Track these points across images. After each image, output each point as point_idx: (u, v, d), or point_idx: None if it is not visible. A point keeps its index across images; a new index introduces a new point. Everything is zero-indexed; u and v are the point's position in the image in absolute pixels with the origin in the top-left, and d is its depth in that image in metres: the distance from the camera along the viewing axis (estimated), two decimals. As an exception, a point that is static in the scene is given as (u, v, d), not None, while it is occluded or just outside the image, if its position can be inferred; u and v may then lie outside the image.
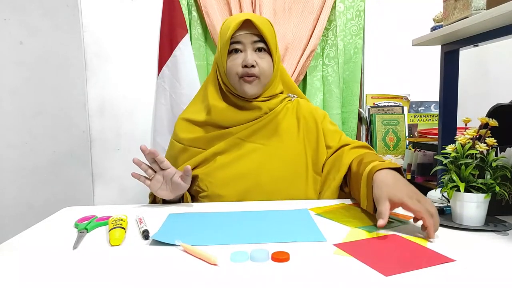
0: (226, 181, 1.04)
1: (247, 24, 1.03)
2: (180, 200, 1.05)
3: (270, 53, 1.07)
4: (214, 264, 0.62)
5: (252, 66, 1.03)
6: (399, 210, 0.92)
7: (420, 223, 0.76)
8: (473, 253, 0.67)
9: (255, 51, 1.05)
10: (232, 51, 1.05)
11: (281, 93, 1.15)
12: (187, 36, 1.94)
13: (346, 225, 0.81)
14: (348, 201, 1.01)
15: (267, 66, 1.06)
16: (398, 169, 0.87)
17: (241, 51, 1.05)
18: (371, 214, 0.86)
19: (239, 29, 1.03)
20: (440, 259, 0.64)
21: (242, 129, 1.07)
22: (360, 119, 2.18)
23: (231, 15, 1.96)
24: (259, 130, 1.08)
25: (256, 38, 1.04)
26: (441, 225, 0.80)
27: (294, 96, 1.17)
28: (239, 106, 1.09)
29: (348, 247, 0.70)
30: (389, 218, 0.79)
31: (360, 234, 0.76)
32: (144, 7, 2.02)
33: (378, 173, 0.83)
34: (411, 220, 0.82)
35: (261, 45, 1.05)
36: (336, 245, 0.71)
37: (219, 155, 1.07)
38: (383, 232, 0.76)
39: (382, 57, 2.17)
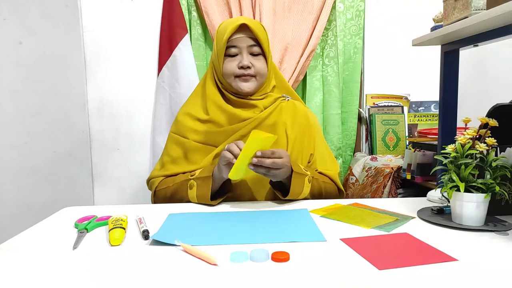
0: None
1: (243, 28, 1.09)
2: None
3: (264, 55, 1.13)
4: (214, 264, 0.62)
5: (248, 67, 1.09)
6: (400, 210, 0.92)
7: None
8: (473, 253, 0.67)
9: (250, 54, 1.11)
10: (228, 54, 1.11)
11: (274, 87, 1.20)
12: (187, 36, 1.94)
13: (360, 226, 0.81)
14: (343, 201, 1.02)
15: (262, 66, 1.12)
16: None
17: (237, 54, 1.11)
18: (378, 214, 0.89)
19: (235, 32, 1.09)
20: (441, 257, 0.64)
21: (241, 126, 1.12)
22: (360, 119, 2.18)
23: (231, 15, 1.95)
24: (257, 127, 1.12)
25: (251, 42, 1.10)
26: (441, 225, 0.81)
27: (288, 97, 1.21)
28: (236, 103, 1.14)
29: (354, 242, 0.71)
30: (393, 215, 0.79)
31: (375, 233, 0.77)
32: (144, 7, 2.01)
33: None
34: (415, 217, 0.83)
35: (256, 49, 1.11)
36: (343, 239, 0.72)
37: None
38: (395, 231, 0.77)
39: (382, 57, 2.16)
